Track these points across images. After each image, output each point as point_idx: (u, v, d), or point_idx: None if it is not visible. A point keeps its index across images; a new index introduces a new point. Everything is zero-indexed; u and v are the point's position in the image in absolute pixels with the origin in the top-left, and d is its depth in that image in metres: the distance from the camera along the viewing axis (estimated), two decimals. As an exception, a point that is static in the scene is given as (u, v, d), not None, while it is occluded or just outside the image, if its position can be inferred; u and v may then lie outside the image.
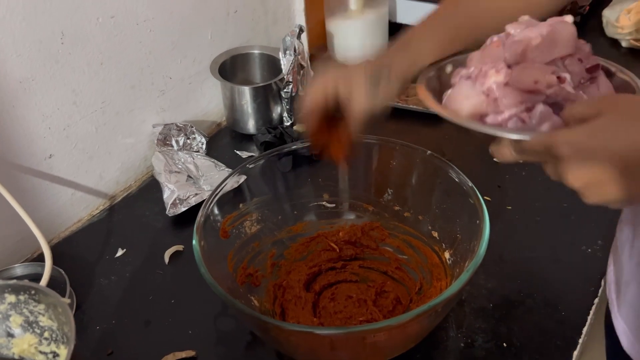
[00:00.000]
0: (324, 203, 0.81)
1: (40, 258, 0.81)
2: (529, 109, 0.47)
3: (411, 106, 1.02)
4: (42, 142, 0.79)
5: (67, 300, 0.51)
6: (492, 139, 0.48)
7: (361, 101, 0.60)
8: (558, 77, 0.47)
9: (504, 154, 0.48)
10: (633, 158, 0.40)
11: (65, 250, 0.83)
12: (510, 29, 0.51)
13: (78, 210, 0.88)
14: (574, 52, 0.49)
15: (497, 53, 0.50)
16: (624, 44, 1.17)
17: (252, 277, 0.73)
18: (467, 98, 0.49)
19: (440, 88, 0.57)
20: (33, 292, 0.54)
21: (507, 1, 0.63)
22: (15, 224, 0.75)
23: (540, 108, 0.46)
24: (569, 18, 0.50)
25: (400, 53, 0.62)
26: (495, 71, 0.47)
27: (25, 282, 0.56)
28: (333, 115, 0.63)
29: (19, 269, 0.77)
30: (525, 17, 0.52)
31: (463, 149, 0.95)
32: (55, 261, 0.72)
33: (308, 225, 0.80)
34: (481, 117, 0.49)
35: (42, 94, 0.77)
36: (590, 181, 0.41)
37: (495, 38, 0.52)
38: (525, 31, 0.50)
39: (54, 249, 0.72)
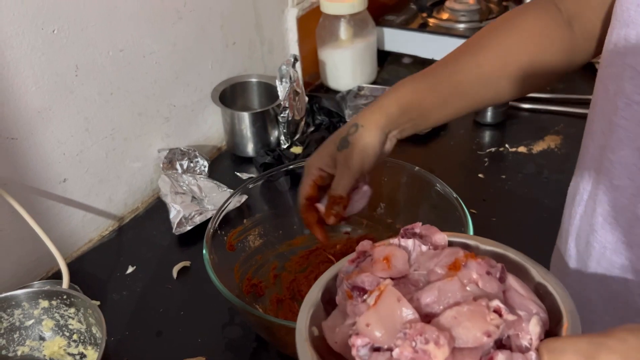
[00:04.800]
0: (321, 219, 0.86)
1: (54, 276, 0.86)
2: None
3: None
4: (57, 166, 0.85)
5: (96, 302, 0.56)
6: None
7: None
8: (494, 311, 0.39)
9: None
10: None
11: (78, 268, 0.88)
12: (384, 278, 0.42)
13: (89, 231, 0.93)
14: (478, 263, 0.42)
15: (400, 314, 0.39)
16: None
17: (257, 287, 0.78)
18: None
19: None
20: (65, 297, 0.59)
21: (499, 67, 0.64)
22: (32, 244, 0.80)
23: (500, 358, 0.38)
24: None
25: (369, 109, 0.68)
26: (434, 345, 0.37)
27: (58, 287, 0.61)
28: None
29: (37, 287, 0.82)
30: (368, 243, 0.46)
31: (450, 165, 1.02)
32: (70, 279, 0.77)
33: (307, 238, 0.85)
34: None
35: (57, 122, 0.83)
36: None
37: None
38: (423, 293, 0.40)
39: (67, 267, 0.77)
